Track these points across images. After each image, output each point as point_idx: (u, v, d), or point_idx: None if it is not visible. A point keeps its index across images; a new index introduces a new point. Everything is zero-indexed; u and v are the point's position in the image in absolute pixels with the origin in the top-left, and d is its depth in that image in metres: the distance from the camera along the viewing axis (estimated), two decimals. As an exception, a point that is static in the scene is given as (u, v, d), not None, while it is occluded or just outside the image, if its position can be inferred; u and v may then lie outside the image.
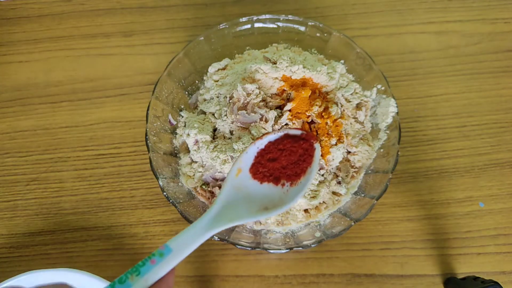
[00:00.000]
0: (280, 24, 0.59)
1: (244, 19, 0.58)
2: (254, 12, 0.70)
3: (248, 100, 0.50)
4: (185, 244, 0.31)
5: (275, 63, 0.51)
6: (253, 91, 0.50)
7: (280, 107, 0.51)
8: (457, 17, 0.69)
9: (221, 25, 0.57)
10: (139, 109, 0.62)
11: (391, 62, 0.65)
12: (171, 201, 0.47)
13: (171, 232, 0.55)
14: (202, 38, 0.57)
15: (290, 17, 0.58)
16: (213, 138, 0.51)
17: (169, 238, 0.54)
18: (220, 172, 0.49)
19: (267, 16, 0.58)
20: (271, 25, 0.59)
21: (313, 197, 0.49)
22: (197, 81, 0.59)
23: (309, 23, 0.57)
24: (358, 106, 0.55)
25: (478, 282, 0.48)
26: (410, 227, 0.55)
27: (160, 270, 0.28)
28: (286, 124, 0.50)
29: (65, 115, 0.63)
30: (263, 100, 0.51)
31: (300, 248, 0.45)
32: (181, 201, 0.48)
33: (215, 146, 0.50)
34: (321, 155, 0.50)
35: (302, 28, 0.58)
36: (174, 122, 0.55)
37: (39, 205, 0.57)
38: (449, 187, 0.57)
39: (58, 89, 0.65)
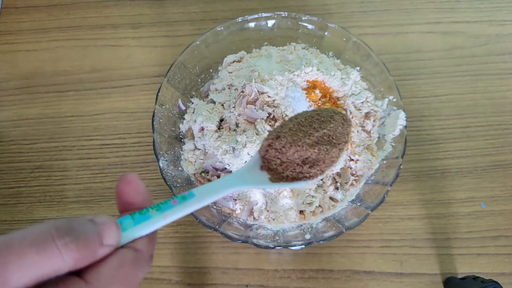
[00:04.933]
0: (300, 23, 0.59)
1: (265, 14, 0.58)
2: (261, 7, 0.70)
3: (258, 97, 0.50)
4: (208, 192, 0.30)
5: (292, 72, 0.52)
6: (267, 92, 0.50)
7: None
8: (465, 18, 0.69)
9: (239, 18, 0.57)
10: (145, 101, 0.63)
11: (397, 61, 0.65)
12: (168, 183, 0.47)
13: (172, 224, 0.55)
14: (221, 28, 0.57)
15: (314, 18, 0.58)
16: (219, 128, 0.52)
17: (171, 229, 0.55)
18: (221, 162, 0.50)
19: (290, 14, 0.58)
20: (291, 24, 0.59)
21: (309, 203, 0.50)
22: (211, 70, 0.59)
23: (330, 25, 0.57)
24: (367, 115, 0.55)
25: (478, 281, 0.48)
26: (411, 226, 0.55)
27: (180, 210, 0.27)
28: None
29: (71, 105, 0.63)
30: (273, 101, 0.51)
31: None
32: (178, 185, 0.49)
33: (219, 136, 0.50)
34: None
35: (322, 31, 0.58)
36: (183, 108, 0.56)
37: (42, 192, 0.58)
38: (451, 187, 0.57)
39: (65, 78, 0.65)
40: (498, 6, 0.70)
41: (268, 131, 0.49)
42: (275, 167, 0.34)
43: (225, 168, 0.50)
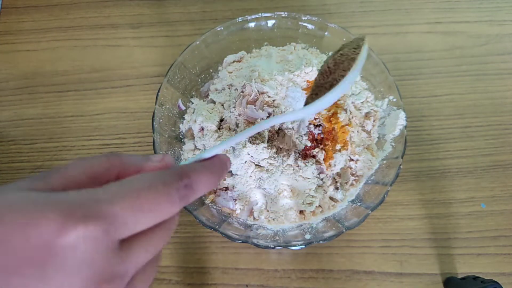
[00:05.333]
0: (300, 23, 0.58)
1: (265, 14, 0.58)
2: (261, 7, 0.70)
3: (258, 97, 0.50)
4: (258, 126, 0.34)
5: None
6: (267, 92, 0.50)
7: None
8: (465, 18, 0.69)
9: (239, 18, 0.57)
10: (145, 101, 0.63)
11: (397, 61, 0.65)
12: None
13: (172, 223, 0.55)
14: (221, 28, 0.57)
15: (314, 18, 0.57)
16: (219, 128, 0.52)
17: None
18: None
19: (290, 14, 0.58)
20: (291, 24, 0.59)
21: (309, 203, 0.50)
22: (211, 70, 0.59)
23: (330, 25, 0.57)
24: (367, 115, 0.55)
25: (478, 281, 0.48)
26: (411, 226, 0.55)
27: (233, 139, 0.32)
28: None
29: (71, 105, 0.63)
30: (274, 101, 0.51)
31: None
32: None
33: (219, 136, 0.50)
34: (324, 160, 0.50)
35: (322, 31, 0.58)
36: (183, 108, 0.56)
37: (42, 192, 0.58)
38: (451, 187, 0.57)
39: (65, 78, 0.65)
40: (498, 6, 0.70)
41: (268, 130, 0.49)
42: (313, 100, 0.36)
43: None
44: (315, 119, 0.51)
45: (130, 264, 0.23)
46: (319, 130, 0.51)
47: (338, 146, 0.51)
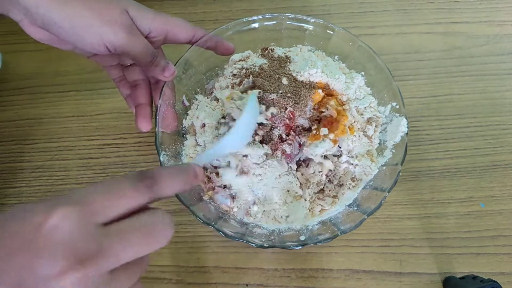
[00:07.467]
0: (307, 25, 0.58)
1: (272, 15, 0.57)
2: (261, 8, 0.70)
3: (261, 94, 0.50)
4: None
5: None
6: None
7: None
8: (464, 19, 0.69)
9: (245, 18, 0.57)
10: (145, 101, 0.63)
11: (396, 61, 0.65)
12: None
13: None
14: (227, 27, 0.57)
15: (320, 21, 0.57)
16: (219, 125, 0.52)
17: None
18: (218, 160, 0.50)
19: (297, 16, 0.58)
20: (297, 25, 0.59)
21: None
22: (217, 68, 0.59)
23: (336, 29, 0.57)
24: (369, 121, 0.54)
25: (477, 281, 0.48)
26: (410, 225, 0.55)
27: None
28: None
29: (72, 105, 0.63)
30: None
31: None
32: None
33: (219, 133, 0.50)
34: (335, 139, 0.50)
35: (329, 33, 0.58)
36: (187, 103, 0.56)
37: (44, 192, 0.58)
38: (451, 187, 0.57)
39: (66, 78, 0.65)
40: (497, 6, 0.70)
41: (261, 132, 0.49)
42: None
43: (220, 167, 0.50)
44: (321, 110, 0.51)
45: (111, 250, 0.26)
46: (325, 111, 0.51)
47: (331, 136, 0.50)
